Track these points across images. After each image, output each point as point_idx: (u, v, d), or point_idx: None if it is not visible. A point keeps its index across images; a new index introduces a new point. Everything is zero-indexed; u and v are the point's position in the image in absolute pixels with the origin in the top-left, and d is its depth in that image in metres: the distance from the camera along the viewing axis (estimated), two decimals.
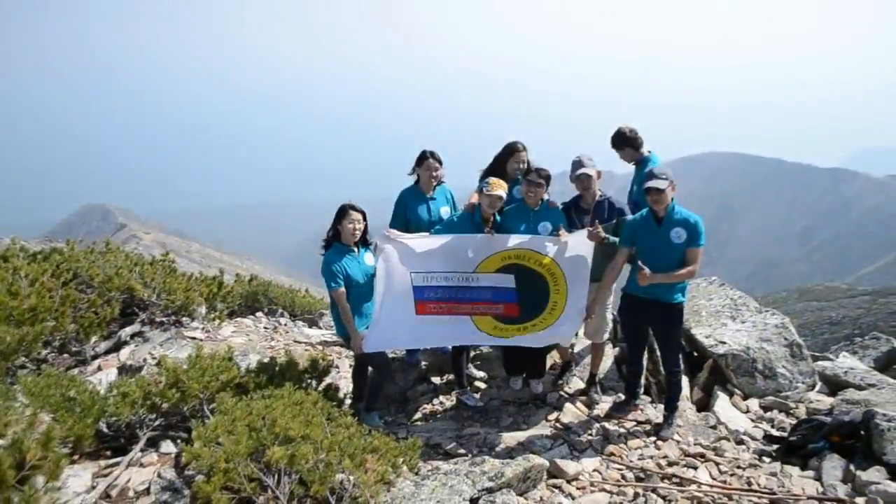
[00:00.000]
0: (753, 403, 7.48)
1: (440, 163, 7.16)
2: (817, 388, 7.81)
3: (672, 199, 6.01)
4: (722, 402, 7.31)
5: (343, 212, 6.35)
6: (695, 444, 6.38)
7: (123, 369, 7.74)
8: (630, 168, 7.55)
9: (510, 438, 6.48)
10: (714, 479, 5.78)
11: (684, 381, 7.41)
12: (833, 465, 5.85)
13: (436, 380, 8.13)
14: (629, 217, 6.48)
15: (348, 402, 7.35)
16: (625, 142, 7.20)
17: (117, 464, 5.23)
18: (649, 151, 7.24)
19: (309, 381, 7.00)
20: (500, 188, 6.41)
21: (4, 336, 6.57)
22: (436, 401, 7.67)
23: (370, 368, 7.02)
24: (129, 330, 9.13)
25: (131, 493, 4.88)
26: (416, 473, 5.06)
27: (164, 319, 9.73)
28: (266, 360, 7.44)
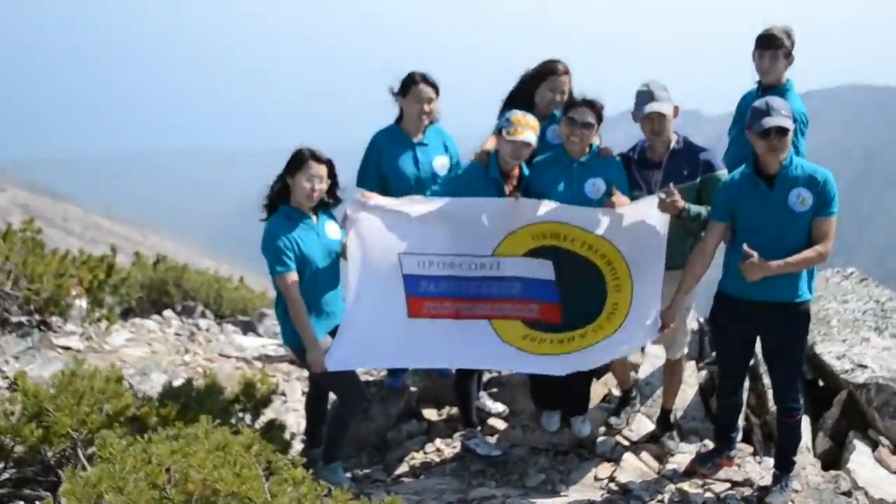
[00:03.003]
0: None
1: (436, 90, 7.09)
2: None
3: (791, 148, 5.92)
4: (860, 457, 7.23)
5: (299, 161, 6.25)
6: None
7: None
8: (725, 109, 7.47)
9: None
10: None
11: (805, 422, 7.35)
12: None
13: (430, 415, 8.14)
14: (722, 173, 6.42)
15: (299, 446, 7.32)
16: (777, 45, 6.94)
17: None
18: (788, 79, 7.12)
19: (240, 414, 7.04)
20: (528, 129, 6.35)
21: None
22: (430, 447, 7.67)
23: (332, 396, 6.99)
24: None
25: None
26: None
27: (22, 319, 9.74)
28: (177, 382, 7.45)
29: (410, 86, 7.02)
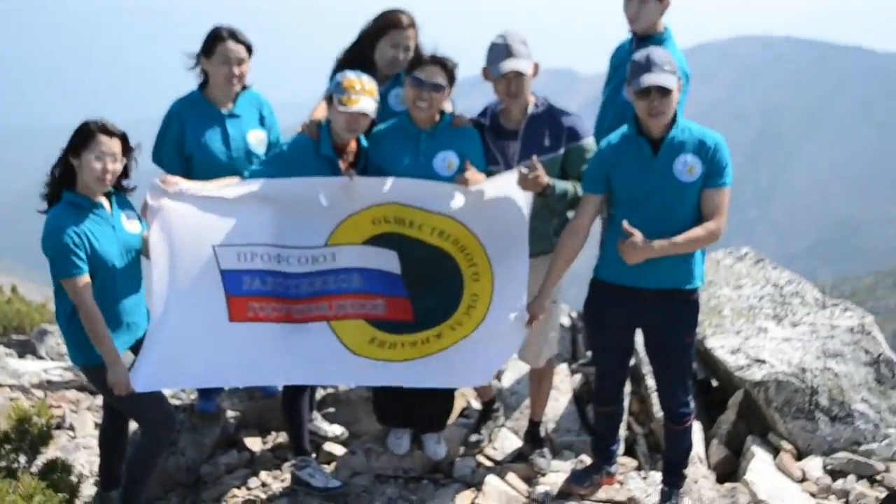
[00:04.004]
0: (814, 465, 7.54)
1: (249, 49, 7.01)
2: None
3: (676, 107, 6.04)
4: (760, 465, 7.36)
5: (85, 136, 6.02)
6: None
7: None
8: (604, 68, 7.69)
9: None
10: None
11: (696, 429, 7.54)
12: None
13: (253, 443, 8.10)
14: (588, 142, 6.58)
15: (91, 490, 7.28)
16: None
17: None
18: (666, 28, 7.36)
19: (13, 456, 6.87)
20: (364, 94, 6.34)
21: None
22: (254, 481, 7.57)
23: (133, 425, 6.93)
24: None
25: None
26: None
27: None
28: None
29: (215, 44, 6.85)
